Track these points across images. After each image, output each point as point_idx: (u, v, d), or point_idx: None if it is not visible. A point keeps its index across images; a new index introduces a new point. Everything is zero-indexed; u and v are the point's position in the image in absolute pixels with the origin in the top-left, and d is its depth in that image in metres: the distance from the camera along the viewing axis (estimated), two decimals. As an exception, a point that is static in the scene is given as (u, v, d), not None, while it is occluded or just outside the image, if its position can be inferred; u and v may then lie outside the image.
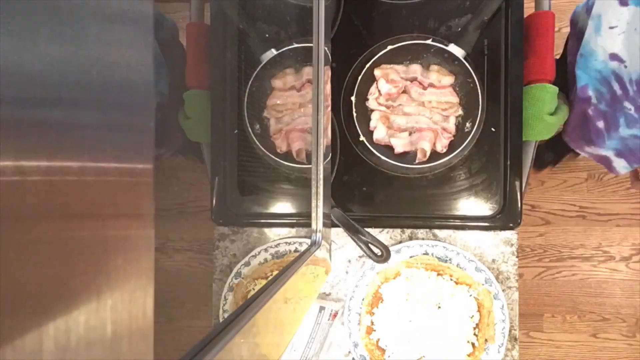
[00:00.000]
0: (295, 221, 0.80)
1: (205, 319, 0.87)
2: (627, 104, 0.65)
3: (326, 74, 0.65)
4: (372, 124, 0.77)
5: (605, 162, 0.78)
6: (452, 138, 0.75)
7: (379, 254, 0.70)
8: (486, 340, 0.75)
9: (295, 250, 0.80)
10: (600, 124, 0.72)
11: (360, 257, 0.81)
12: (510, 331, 0.77)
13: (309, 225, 0.61)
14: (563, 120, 0.75)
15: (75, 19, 0.14)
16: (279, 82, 0.76)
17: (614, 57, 0.63)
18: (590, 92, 0.70)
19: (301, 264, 0.50)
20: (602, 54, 0.65)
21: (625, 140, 0.71)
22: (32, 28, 0.13)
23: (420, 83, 0.76)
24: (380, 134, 0.76)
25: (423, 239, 0.79)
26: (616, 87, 0.65)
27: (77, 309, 0.14)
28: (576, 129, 0.79)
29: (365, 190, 0.78)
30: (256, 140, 0.76)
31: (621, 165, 0.77)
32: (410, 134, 0.77)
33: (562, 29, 1.37)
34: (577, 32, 0.76)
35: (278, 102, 0.76)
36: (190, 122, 0.78)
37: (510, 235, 0.77)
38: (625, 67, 0.63)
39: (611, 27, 0.62)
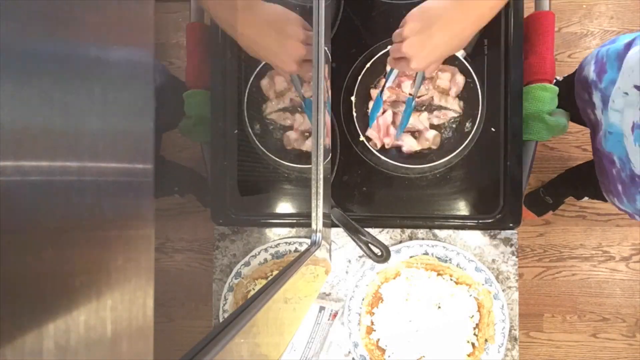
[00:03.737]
0: (295, 221, 0.80)
1: (205, 319, 0.87)
2: None
3: (326, 73, 0.65)
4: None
5: (628, 213, 0.79)
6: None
7: (379, 254, 0.70)
8: (486, 340, 0.75)
9: (295, 250, 0.80)
10: (620, 188, 0.72)
11: (360, 257, 0.81)
12: (510, 331, 0.77)
13: (309, 225, 0.61)
14: (562, 130, 0.75)
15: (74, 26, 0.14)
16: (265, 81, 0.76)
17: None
18: (615, 159, 0.69)
19: (301, 264, 0.50)
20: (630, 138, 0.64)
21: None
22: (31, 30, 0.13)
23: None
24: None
25: (423, 239, 0.79)
26: (638, 170, 0.64)
27: (77, 309, 0.14)
28: (603, 177, 0.80)
29: (365, 190, 0.78)
30: (256, 140, 0.76)
31: None
32: (412, 133, 0.77)
33: (562, 28, 1.37)
34: (587, 79, 0.75)
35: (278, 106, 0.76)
36: (190, 122, 0.78)
37: (510, 235, 0.77)
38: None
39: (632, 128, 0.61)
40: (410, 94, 0.73)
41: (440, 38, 0.57)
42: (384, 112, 0.76)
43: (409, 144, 0.76)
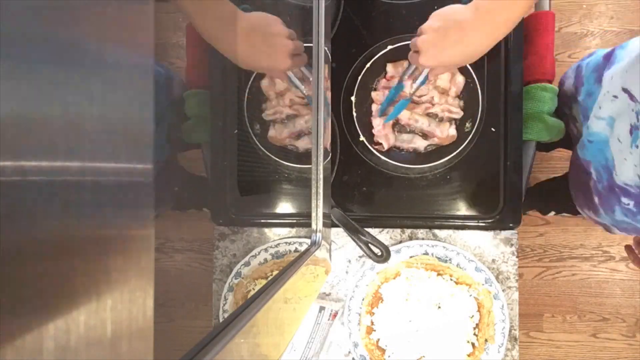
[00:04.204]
0: (295, 221, 0.80)
1: (205, 319, 0.87)
2: (624, 199, 0.64)
3: (326, 73, 0.65)
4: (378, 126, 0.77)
5: (603, 226, 0.79)
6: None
7: (379, 254, 0.70)
8: (486, 340, 0.75)
9: (295, 250, 0.80)
10: (596, 200, 0.72)
11: (360, 257, 0.81)
12: (510, 331, 0.77)
13: (309, 225, 0.61)
14: (562, 131, 0.75)
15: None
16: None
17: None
18: (592, 170, 0.69)
19: (301, 264, 0.50)
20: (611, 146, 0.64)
21: (619, 222, 0.72)
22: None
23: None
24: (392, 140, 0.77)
25: (423, 239, 0.79)
26: (623, 177, 0.64)
27: (77, 309, 0.14)
28: (578, 191, 0.80)
29: (365, 190, 0.78)
30: (256, 141, 0.76)
31: (618, 233, 0.78)
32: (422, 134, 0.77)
33: (562, 28, 1.37)
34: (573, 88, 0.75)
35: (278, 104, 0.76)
36: (190, 123, 0.78)
37: (510, 235, 0.77)
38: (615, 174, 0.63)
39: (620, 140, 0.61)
40: (410, 94, 0.73)
41: (452, 42, 0.58)
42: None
43: (420, 144, 0.76)
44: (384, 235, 0.80)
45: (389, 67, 0.76)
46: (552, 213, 1.17)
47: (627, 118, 0.59)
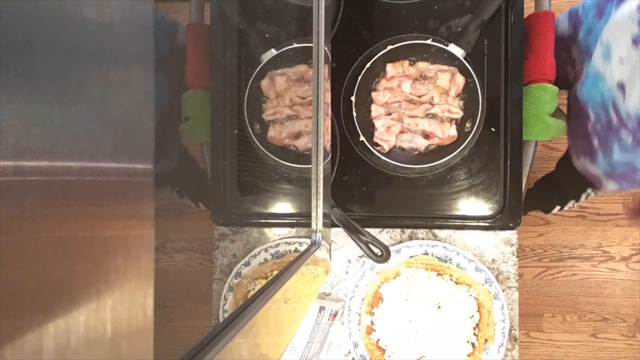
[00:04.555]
0: (295, 221, 0.80)
1: (205, 319, 0.87)
2: (624, 133, 0.64)
3: (326, 73, 0.65)
4: (379, 126, 0.77)
5: (596, 180, 0.78)
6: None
7: (379, 254, 0.70)
8: (486, 340, 0.75)
9: (295, 250, 0.80)
10: (595, 142, 0.72)
11: (360, 257, 0.81)
12: (510, 331, 0.77)
13: (309, 225, 0.61)
14: (562, 131, 0.75)
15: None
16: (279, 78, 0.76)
17: (620, 86, 0.61)
18: (590, 111, 0.69)
19: (301, 264, 0.50)
20: (610, 80, 0.63)
21: (616, 165, 0.70)
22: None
23: (422, 76, 0.76)
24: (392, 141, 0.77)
25: (423, 239, 0.79)
26: (613, 115, 0.63)
27: (77, 309, 0.14)
28: (576, 138, 0.79)
29: (365, 190, 0.78)
30: (256, 140, 0.76)
31: (610, 187, 0.77)
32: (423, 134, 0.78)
33: (562, 29, 1.37)
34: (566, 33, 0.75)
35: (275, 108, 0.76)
36: (190, 123, 0.78)
37: (510, 235, 0.77)
38: (623, 102, 0.61)
39: (621, 61, 0.59)
40: None
41: None
42: (380, 114, 0.76)
43: (420, 144, 0.76)
44: (384, 235, 0.80)
45: (389, 67, 0.76)
46: (557, 208, 1.15)
47: (627, 34, 0.57)
